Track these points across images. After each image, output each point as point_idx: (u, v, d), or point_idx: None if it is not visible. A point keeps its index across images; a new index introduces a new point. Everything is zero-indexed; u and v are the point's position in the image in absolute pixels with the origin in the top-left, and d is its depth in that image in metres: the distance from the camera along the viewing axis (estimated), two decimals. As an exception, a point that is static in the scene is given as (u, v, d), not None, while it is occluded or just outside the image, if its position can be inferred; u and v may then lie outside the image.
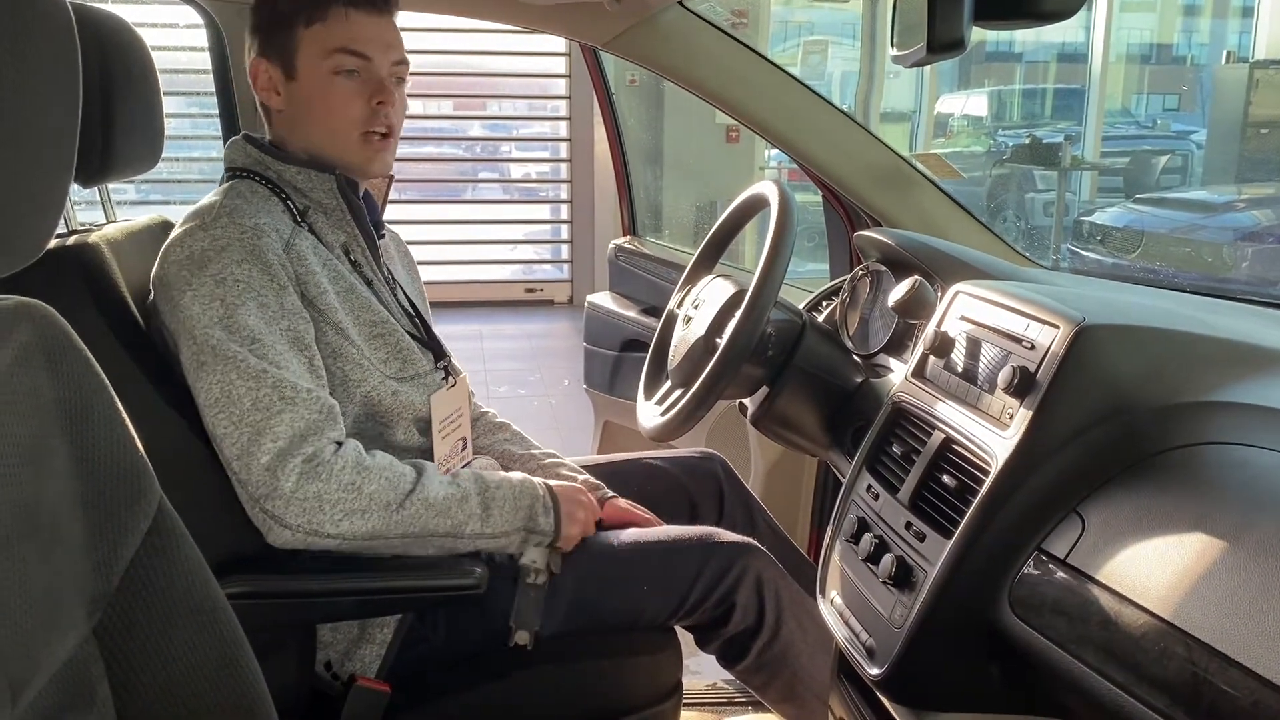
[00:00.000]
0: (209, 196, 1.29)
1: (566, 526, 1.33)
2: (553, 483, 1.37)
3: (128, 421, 0.81)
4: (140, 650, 0.79)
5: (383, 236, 1.44)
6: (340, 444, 1.20)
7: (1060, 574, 0.89)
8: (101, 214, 1.41)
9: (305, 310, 1.24)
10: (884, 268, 1.49)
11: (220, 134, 1.86)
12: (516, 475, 1.36)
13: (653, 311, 2.40)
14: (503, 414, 1.66)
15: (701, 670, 1.99)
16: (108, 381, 0.80)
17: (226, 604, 0.87)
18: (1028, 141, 8.31)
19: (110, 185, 1.35)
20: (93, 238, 1.23)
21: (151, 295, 1.24)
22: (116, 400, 0.81)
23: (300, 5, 1.29)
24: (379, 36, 1.31)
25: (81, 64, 0.67)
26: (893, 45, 1.14)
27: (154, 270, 1.22)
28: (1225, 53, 9.07)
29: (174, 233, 1.23)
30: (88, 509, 0.75)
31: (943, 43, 0.96)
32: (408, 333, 1.36)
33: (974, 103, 9.53)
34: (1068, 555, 0.89)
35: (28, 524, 0.68)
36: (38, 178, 0.65)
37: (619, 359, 2.46)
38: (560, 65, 6.75)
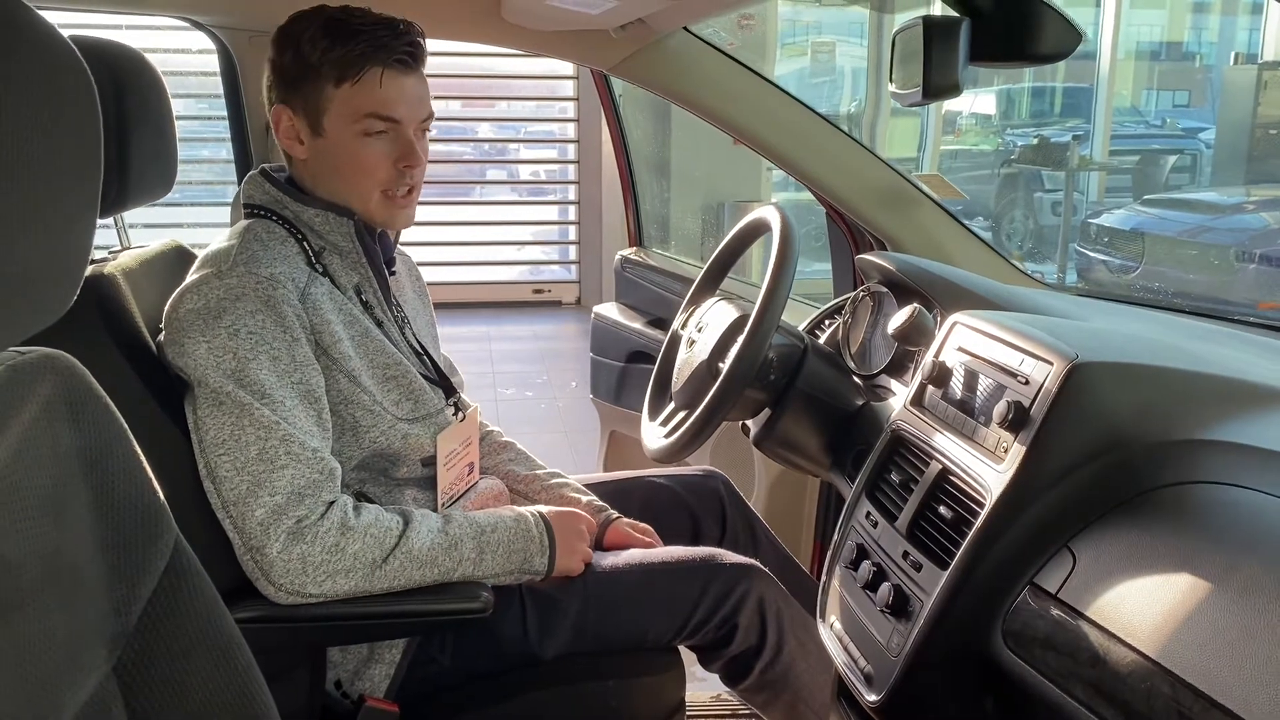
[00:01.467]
0: (226, 239, 1.29)
1: (563, 560, 1.35)
2: (549, 512, 1.38)
3: (145, 463, 0.84)
4: (159, 687, 0.81)
5: (394, 273, 1.45)
6: (332, 503, 1.21)
7: (1052, 609, 0.91)
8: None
9: (318, 361, 1.25)
10: (885, 290, 1.51)
11: (227, 135, 1.88)
12: (511, 514, 1.35)
13: (659, 323, 2.42)
14: (510, 416, 1.68)
15: (707, 678, 2.02)
16: (125, 425, 0.83)
17: (241, 638, 0.89)
18: (1035, 141, 8.31)
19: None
20: (108, 268, 1.25)
21: (162, 335, 1.24)
22: (134, 443, 0.83)
23: (331, 62, 1.25)
24: (410, 95, 1.29)
25: (99, 100, 0.69)
26: (892, 82, 1.16)
27: (166, 311, 1.23)
28: (1233, 54, 9.04)
29: (190, 277, 1.24)
30: (107, 551, 0.78)
31: (939, 87, 0.99)
32: (419, 373, 1.37)
33: (982, 101, 9.51)
34: (1059, 590, 0.91)
35: (50, 572, 0.71)
36: (65, 234, 0.67)
37: (625, 370, 2.48)
38: (568, 66, 6.77)
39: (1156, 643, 0.79)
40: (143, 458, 0.84)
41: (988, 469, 1.01)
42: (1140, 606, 0.83)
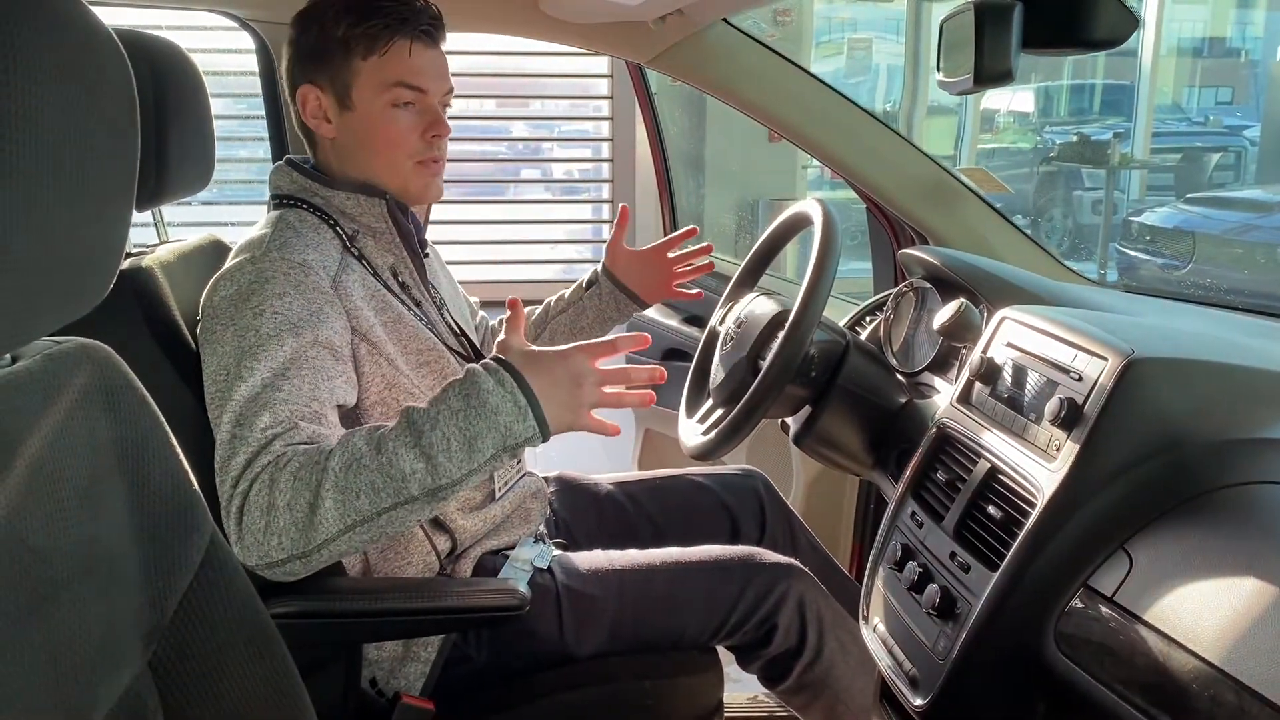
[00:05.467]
0: (259, 227, 1.29)
1: (556, 414, 1.08)
2: (517, 355, 1.09)
3: (181, 455, 0.83)
4: (195, 682, 0.81)
5: (427, 255, 1.45)
6: (268, 463, 1.07)
7: (1107, 612, 0.88)
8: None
9: (358, 347, 1.23)
10: (929, 285, 1.48)
11: (266, 135, 1.88)
12: (454, 386, 1.08)
13: (695, 321, 2.40)
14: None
15: (741, 679, 1.99)
16: (162, 416, 0.82)
17: (277, 633, 0.88)
18: (1075, 139, 8.19)
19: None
20: (146, 261, 1.25)
21: (199, 325, 1.23)
22: (171, 435, 0.82)
23: (360, 36, 1.27)
24: (434, 68, 1.32)
25: (137, 92, 0.68)
26: (939, 70, 1.13)
27: (203, 299, 1.22)
28: (1280, 49, 8.87)
29: (226, 265, 1.23)
30: (143, 544, 0.77)
31: (991, 74, 0.96)
32: (456, 353, 1.37)
33: (1020, 98, 9.39)
34: (1115, 593, 0.88)
35: (85, 564, 0.70)
36: (100, 223, 0.66)
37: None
38: (603, 65, 6.75)
39: (1220, 648, 0.76)
40: (179, 450, 0.83)
41: (1039, 468, 0.98)
42: (1202, 610, 0.80)
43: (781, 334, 1.32)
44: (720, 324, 1.59)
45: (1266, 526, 0.86)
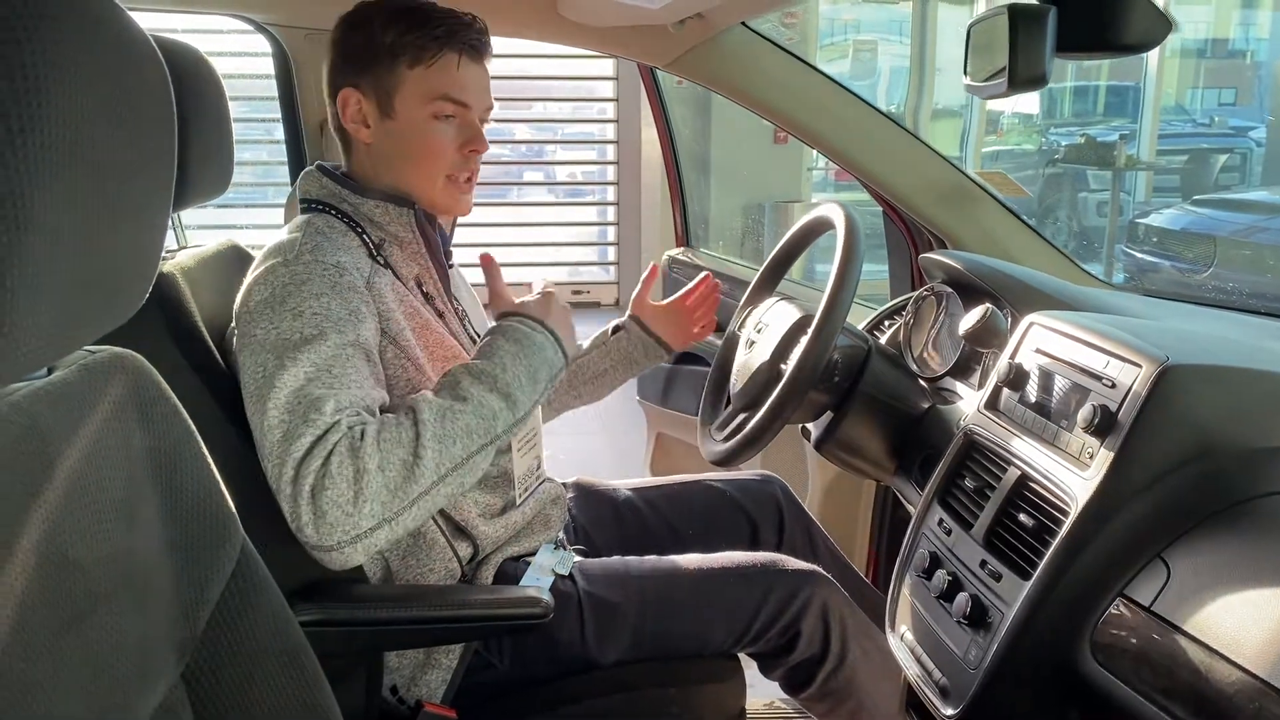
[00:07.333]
0: (287, 231, 1.28)
1: (569, 344, 1.30)
2: (522, 307, 1.29)
3: (213, 466, 0.83)
4: (226, 693, 0.80)
5: (452, 267, 1.44)
6: (337, 441, 1.09)
7: (1145, 622, 0.87)
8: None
9: (385, 350, 1.23)
10: (950, 289, 1.47)
11: (266, 138, 1.87)
12: (503, 337, 1.24)
13: (707, 324, 2.39)
14: (548, 418, 1.67)
15: (757, 684, 1.98)
16: (193, 426, 0.81)
17: (306, 643, 0.88)
18: (1081, 140, 8.19)
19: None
20: (167, 267, 1.24)
21: (232, 327, 1.23)
22: (202, 445, 0.82)
23: (409, 45, 1.27)
24: (479, 84, 1.32)
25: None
26: (966, 74, 1.12)
27: (236, 306, 1.21)
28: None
29: (257, 269, 1.22)
30: (176, 555, 0.77)
31: (1025, 78, 0.95)
32: None
33: (1025, 100, 9.37)
34: (1153, 603, 0.87)
35: (122, 576, 0.69)
36: (139, 228, 0.65)
37: (672, 371, 2.45)
38: (608, 67, 6.75)
39: (1265, 660, 0.75)
40: (210, 460, 0.82)
41: (1072, 475, 0.98)
42: (1245, 621, 0.79)
43: (805, 339, 1.31)
44: (739, 328, 1.58)
45: (1307, 536, 0.85)
